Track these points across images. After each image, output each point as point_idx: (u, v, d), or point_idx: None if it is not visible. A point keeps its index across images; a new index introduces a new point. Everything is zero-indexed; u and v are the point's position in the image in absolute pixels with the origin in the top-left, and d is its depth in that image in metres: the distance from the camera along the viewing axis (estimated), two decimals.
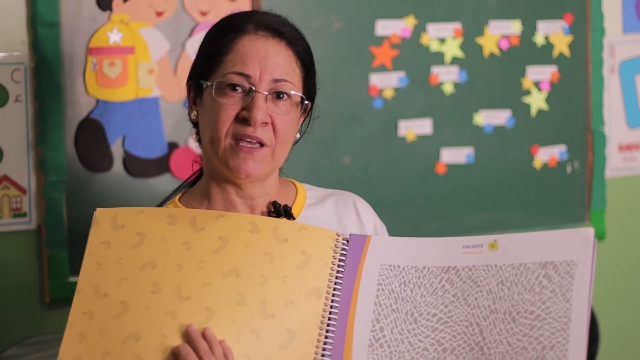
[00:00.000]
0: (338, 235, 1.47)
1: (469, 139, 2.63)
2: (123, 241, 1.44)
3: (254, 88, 1.47)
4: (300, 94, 1.52)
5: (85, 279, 1.43)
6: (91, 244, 1.45)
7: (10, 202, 2.17)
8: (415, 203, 2.57)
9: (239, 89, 1.47)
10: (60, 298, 2.20)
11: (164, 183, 2.26)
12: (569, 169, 2.76)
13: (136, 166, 2.25)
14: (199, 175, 1.64)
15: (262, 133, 1.48)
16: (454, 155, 2.62)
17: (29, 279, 2.20)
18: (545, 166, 2.73)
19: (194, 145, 2.29)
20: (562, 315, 1.38)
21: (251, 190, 1.55)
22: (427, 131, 2.58)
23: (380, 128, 2.53)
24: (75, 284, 2.18)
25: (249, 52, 1.47)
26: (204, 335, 1.36)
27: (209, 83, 1.49)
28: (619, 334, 2.89)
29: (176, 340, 1.37)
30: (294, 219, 1.56)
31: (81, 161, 2.21)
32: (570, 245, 1.41)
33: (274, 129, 1.49)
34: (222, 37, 1.50)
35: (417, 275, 1.44)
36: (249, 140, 1.47)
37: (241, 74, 1.47)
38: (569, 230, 1.45)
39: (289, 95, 1.50)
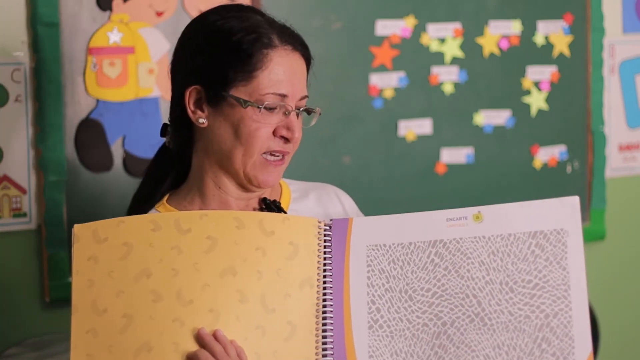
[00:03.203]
0: (320, 222, 1.47)
1: (469, 139, 2.63)
2: (110, 254, 1.40)
3: (291, 108, 1.49)
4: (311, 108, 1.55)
5: (80, 298, 1.39)
6: (77, 261, 1.40)
7: (10, 202, 2.17)
8: (415, 203, 2.57)
9: (277, 109, 1.48)
10: (60, 298, 2.20)
11: None
12: (569, 169, 2.76)
13: (136, 166, 2.25)
14: (172, 176, 1.61)
15: (291, 146, 1.52)
16: (454, 155, 2.62)
17: (29, 279, 2.20)
18: (545, 166, 2.73)
19: None
20: (560, 282, 1.41)
21: (255, 192, 1.56)
22: (427, 131, 2.58)
23: (380, 128, 2.53)
24: None
25: (283, 71, 1.48)
26: (215, 338, 1.37)
27: (248, 100, 1.47)
28: (619, 334, 2.89)
29: (189, 346, 1.36)
30: (285, 213, 1.57)
31: (81, 161, 2.21)
32: (557, 214, 1.43)
33: None
34: (252, 48, 1.47)
35: (405, 252, 1.45)
36: (277, 154, 1.50)
37: (279, 95, 1.48)
38: (554, 199, 1.46)
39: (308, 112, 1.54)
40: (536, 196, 2.70)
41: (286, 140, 1.49)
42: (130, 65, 2.23)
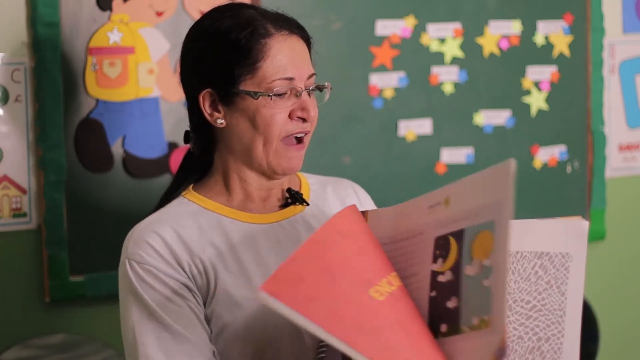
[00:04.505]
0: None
1: (469, 139, 2.63)
2: None
3: (300, 89, 1.54)
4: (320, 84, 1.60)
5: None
6: None
7: (10, 202, 2.17)
8: None
9: (288, 93, 1.53)
10: (60, 298, 2.20)
11: (164, 183, 2.25)
12: (569, 169, 2.76)
13: (136, 166, 2.25)
14: (191, 169, 1.66)
15: (309, 125, 1.57)
16: (454, 155, 2.62)
17: (29, 279, 2.20)
18: (545, 166, 2.73)
19: None
20: (557, 308, 1.40)
21: (279, 180, 1.61)
22: (427, 131, 2.58)
23: (380, 128, 2.53)
24: (75, 284, 2.20)
25: (285, 55, 1.53)
26: None
27: (258, 91, 1.52)
28: (619, 334, 2.89)
29: None
30: (307, 204, 1.63)
31: (81, 161, 2.21)
32: (565, 237, 1.42)
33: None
34: (250, 42, 1.52)
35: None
36: (298, 134, 1.55)
37: (286, 79, 1.53)
38: (564, 220, 1.46)
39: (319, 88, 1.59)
40: (536, 196, 2.73)
41: (304, 120, 1.54)
42: (130, 65, 2.23)
